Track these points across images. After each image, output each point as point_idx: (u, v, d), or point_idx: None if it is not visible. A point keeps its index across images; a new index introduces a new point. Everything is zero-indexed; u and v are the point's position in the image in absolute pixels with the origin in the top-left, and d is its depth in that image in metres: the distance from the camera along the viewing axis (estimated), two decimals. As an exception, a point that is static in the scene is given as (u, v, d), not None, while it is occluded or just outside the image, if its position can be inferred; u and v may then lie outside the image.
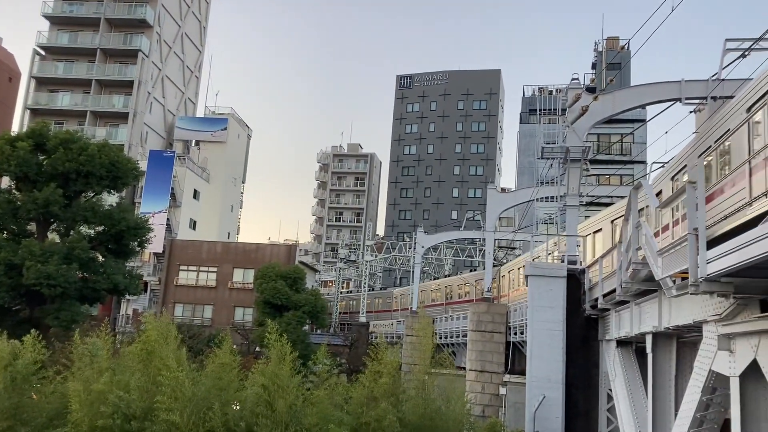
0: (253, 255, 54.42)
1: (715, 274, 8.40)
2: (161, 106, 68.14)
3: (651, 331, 13.87)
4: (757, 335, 9.37)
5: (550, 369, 19.07)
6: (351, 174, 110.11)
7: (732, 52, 17.18)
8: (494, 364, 29.23)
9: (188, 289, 54.40)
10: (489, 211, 36.69)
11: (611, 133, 51.46)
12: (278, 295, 41.40)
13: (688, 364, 13.45)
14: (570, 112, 20.84)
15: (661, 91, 20.04)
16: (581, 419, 19.12)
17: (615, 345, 17.14)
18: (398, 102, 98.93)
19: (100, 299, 37.94)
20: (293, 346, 16.18)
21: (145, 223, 39.01)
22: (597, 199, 34.19)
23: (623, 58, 51.55)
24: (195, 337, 37.45)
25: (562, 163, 22.20)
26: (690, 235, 8.79)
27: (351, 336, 51.11)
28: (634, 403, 15.63)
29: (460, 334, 36.34)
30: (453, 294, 52.73)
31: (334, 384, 17.17)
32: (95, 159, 35.36)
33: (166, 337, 16.30)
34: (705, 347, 11.14)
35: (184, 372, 15.29)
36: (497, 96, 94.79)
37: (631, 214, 13.27)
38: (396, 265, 72.06)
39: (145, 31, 64.74)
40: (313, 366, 19.96)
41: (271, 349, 15.41)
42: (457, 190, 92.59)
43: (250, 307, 48.97)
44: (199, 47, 76.70)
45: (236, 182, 76.77)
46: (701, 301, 10.76)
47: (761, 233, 7.10)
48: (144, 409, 15.18)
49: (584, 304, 19.55)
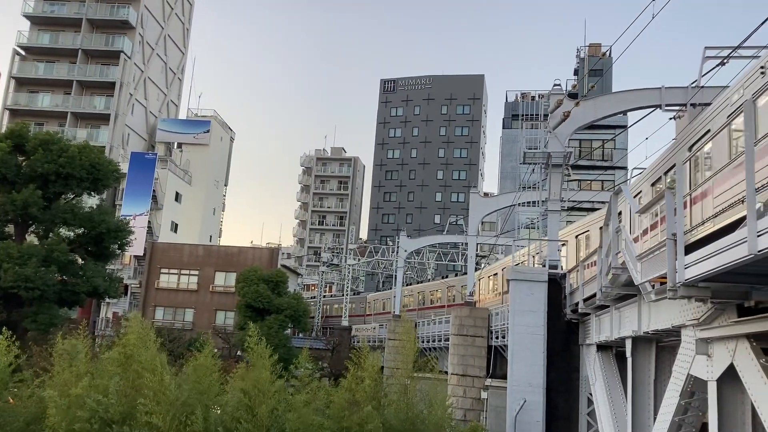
0: (235, 258, 54.15)
1: (692, 279, 8.49)
2: (143, 107, 67.68)
3: (630, 335, 13.99)
4: (734, 339, 9.49)
5: (531, 373, 19.17)
6: (334, 177, 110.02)
7: (711, 59, 17.41)
8: (476, 368, 29.28)
9: (169, 292, 53.98)
10: (471, 215, 36.81)
11: (593, 138, 51.92)
12: (260, 299, 41.24)
13: (667, 369, 13.58)
14: (552, 117, 21.01)
15: (642, 97, 20.27)
16: (561, 423, 19.23)
17: (595, 349, 17.26)
18: (382, 106, 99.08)
19: (79, 302, 37.53)
20: (275, 350, 16.11)
21: (126, 226, 38.70)
22: (578, 204, 34.47)
23: (605, 65, 52.05)
24: (175, 340, 37.19)
25: (544, 168, 22.37)
26: (668, 240, 8.89)
27: (333, 340, 51.00)
28: (613, 407, 15.74)
29: (442, 338, 36.39)
30: (425, 300, 53.97)
31: (315, 388, 17.12)
32: (75, 160, 35.01)
33: (145, 340, 16.16)
34: (683, 351, 11.26)
35: (168, 375, 15.18)
36: (480, 101, 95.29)
37: (611, 220, 13.38)
38: (379, 269, 72.07)
39: (128, 32, 64.28)
40: (295, 370, 19.89)
41: (250, 353, 15.34)
42: (440, 194, 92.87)
43: (231, 311, 48.69)
44: (182, 49, 76.31)
45: (219, 185, 76.41)
46: (679, 306, 10.88)
47: (736, 239, 7.19)
48: (123, 414, 15.03)
49: (565, 308, 19.68)
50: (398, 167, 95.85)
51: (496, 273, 39.23)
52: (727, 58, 16.80)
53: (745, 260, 7.00)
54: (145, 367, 15.23)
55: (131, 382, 15.70)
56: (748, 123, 7.48)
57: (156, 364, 15.24)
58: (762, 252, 6.66)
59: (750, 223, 6.79)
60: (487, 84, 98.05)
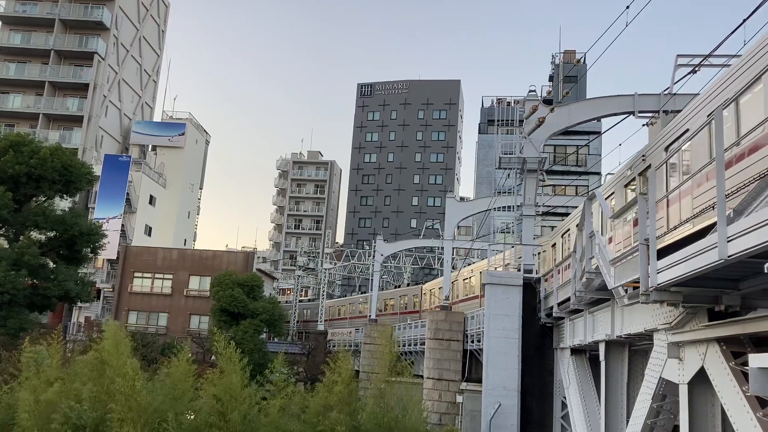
0: (209, 262, 53.73)
1: (664, 283, 8.60)
2: (117, 109, 66.91)
3: (604, 339, 14.14)
4: (705, 343, 9.63)
5: (505, 377, 19.27)
6: (311, 181, 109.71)
7: (683, 67, 17.70)
8: (451, 372, 29.35)
9: (143, 296, 53.40)
10: (448, 219, 36.90)
11: (567, 144, 52.43)
12: (235, 303, 40.94)
13: (639, 372, 13.74)
14: (527, 123, 21.18)
15: (615, 104, 20.52)
16: (536, 427, 19.35)
17: (569, 353, 17.41)
18: (359, 110, 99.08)
19: (50, 307, 36.95)
20: (250, 354, 16.03)
21: (99, 229, 38.23)
22: (553, 209, 34.76)
23: (579, 71, 52.62)
24: (149, 345, 36.75)
25: (519, 174, 22.53)
26: (641, 245, 9.00)
27: (309, 344, 50.80)
28: (587, 410, 15.88)
29: (418, 342, 36.44)
30: (383, 306, 56.40)
31: (290, 393, 17.03)
32: (47, 162, 34.50)
33: (118, 345, 15.96)
34: (655, 355, 11.40)
35: (141, 381, 14.98)
36: (457, 106, 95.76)
37: (585, 224, 13.51)
38: (355, 273, 71.97)
39: (102, 33, 63.52)
40: (270, 375, 19.77)
41: (222, 359, 15.21)
42: (417, 198, 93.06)
43: (206, 315, 48.29)
44: (158, 51, 75.60)
45: (193, 188, 75.78)
46: (652, 310, 11.01)
47: (707, 245, 7.30)
48: (96, 420, 14.82)
49: (540, 312, 19.83)
50: (375, 171, 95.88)
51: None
52: (698, 66, 17.11)
53: (715, 265, 7.11)
54: (117, 372, 15.05)
55: (104, 387, 15.49)
56: (718, 133, 7.60)
57: (128, 370, 15.06)
58: (732, 257, 6.76)
59: (720, 229, 6.90)
60: (463, 89, 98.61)
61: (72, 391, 15.43)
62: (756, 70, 9.44)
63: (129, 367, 15.17)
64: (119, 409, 14.22)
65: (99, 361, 15.87)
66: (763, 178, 7.48)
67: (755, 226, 6.28)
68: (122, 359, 15.42)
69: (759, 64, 9.36)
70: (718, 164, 7.33)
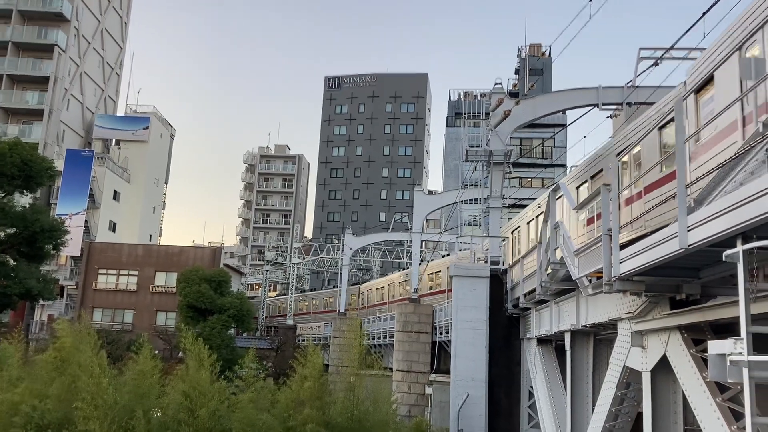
0: (176, 258, 53.11)
1: (627, 273, 8.74)
2: (79, 103, 65.55)
3: (569, 329, 14.34)
4: (667, 331, 9.83)
5: (473, 368, 19.43)
6: (278, 175, 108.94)
7: (645, 60, 17.99)
8: (420, 363, 29.50)
9: (108, 293, 52.58)
10: (416, 213, 37.01)
11: (533, 137, 52.89)
12: (202, 299, 40.58)
13: (604, 361, 13.98)
14: (493, 116, 21.31)
15: (580, 96, 20.76)
16: (504, 416, 19.56)
17: (536, 343, 17.63)
18: (326, 103, 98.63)
19: (11, 305, 36.18)
20: (218, 350, 15.91)
21: (61, 225, 37.47)
22: (519, 201, 35.09)
23: (545, 64, 53.11)
24: (114, 342, 36.24)
25: (486, 166, 22.67)
26: (604, 236, 9.13)
27: (278, 339, 50.60)
28: (553, 399, 16.11)
29: (387, 335, 36.53)
30: (327, 304, 59.04)
31: (260, 388, 16.95)
32: (6, 157, 33.67)
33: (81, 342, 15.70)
34: (619, 344, 11.60)
35: (107, 379, 14.77)
36: (424, 99, 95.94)
37: (549, 216, 13.67)
38: (324, 268, 71.77)
39: (62, 25, 62.06)
40: (239, 370, 19.64)
41: (189, 355, 15.08)
42: (386, 192, 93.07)
43: (172, 312, 47.75)
44: (120, 43, 74.18)
45: (158, 183, 74.68)
46: (615, 300, 11.20)
47: (666, 235, 7.44)
48: (60, 419, 14.57)
49: (506, 303, 20.02)
50: (343, 165, 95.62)
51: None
52: (660, 58, 17.41)
53: (676, 254, 7.25)
54: (83, 370, 14.81)
55: (67, 386, 15.24)
56: (679, 124, 7.74)
57: (94, 367, 14.83)
58: (692, 246, 6.90)
59: (681, 219, 7.04)
60: (431, 83, 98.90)
61: (35, 390, 15.16)
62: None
63: (96, 363, 14.95)
64: (85, 407, 14.01)
65: (60, 359, 15.60)
66: (722, 168, 7.64)
67: (714, 216, 6.42)
68: (88, 356, 15.19)
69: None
70: (678, 156, 7.47)
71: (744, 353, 5.89)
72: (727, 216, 6.14)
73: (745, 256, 5.98)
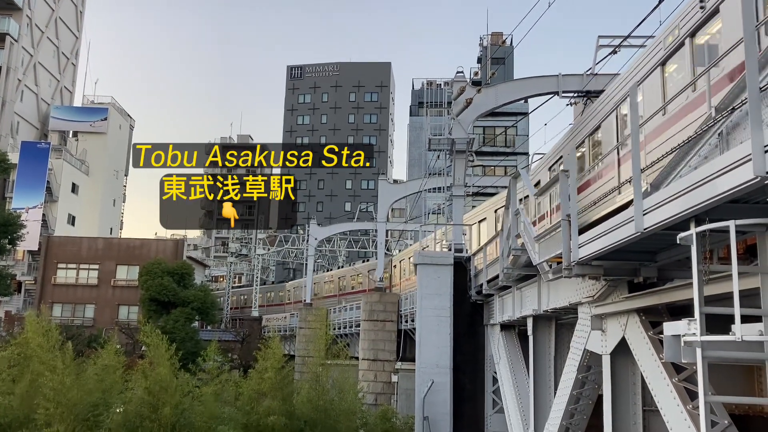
0: (137, 251, 52.31)
1: (586, 257, 8.85)
2: (34, 94, 63.84)
3: (531, 314, 14.49)
4: (625, 315, 9.99)
5: (438, 355, 19.54)
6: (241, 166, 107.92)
7: (604, 48, 18.23)
8: (386, 352, 29.63)
9: (67, 288, 51.57)
10: (381, 202, 37.07)
11: (495, 125, 53.29)
12: (165, 292, 40.13)
13: (565, 345, 14.17)
14: (455, 104, 21.34)
15: (541, 84, 20.91)
16: (468, 402, 19.74)
17: (499, 329, 17.79)
18: (289, 93, 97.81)
19: (-34, 302, 35.29)
20: (182, 343, 15.74)
21: (17, 219, 36.64)
22: (482, 190, 35.34)
23: (506, 53, 53.44)
24: (75, 338, 35.50)
25: (449, 155, 22.73)
26: (563, 221, 9.22)
27: (243, 331, 50.28)
28: (517, 383, 16.30)
29: (353, 324, 36.55)
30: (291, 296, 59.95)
31: (224, 381, 16.84)
32: (-43, 151, 32.72)
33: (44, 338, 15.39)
34: (580, 328, 11.77)
35: (70, 377, 14.49)
36: (388, 88, 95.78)
37: (510, 203, 13.76)
38: (290, 258, 71.42)
39: (14, 13, 60.23)
40: (203, 363, 19.47)
41: (150, 349, 14.89)
42: (350, 181, 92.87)
43: (135, 305, 47.09)
44: (76, 33, 72.34)
45: (118, 175, 73.26)
46: (575, 284, 11.34)
47: (623, 219, 7.55)
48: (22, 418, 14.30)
49: (470, 290, 20.16)
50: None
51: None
52: (618, 46, 17.67)
53: (632, 238, 7.35)
54: (46, 367, 14.54)
55: (29, 383, 14.97)
56: (633, 109, 7.84)
57: (57, 364, 14.57)
58: (647, 230, 7.00)
59: (636, 203, 7.13)
60: (395, 72, 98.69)
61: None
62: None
63: (59, 360, 14.68)
64: (48, 406, 13.77)
65: (23, 356, 15.30)
66: (677, 152, 7.77)
67: (668, 199, 6.52)
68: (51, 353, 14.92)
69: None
70: (633, 140, 7.57)
71: (697, 334, 6.01)
72: (681, 199, 6.23)
73: (698, 238, 6.08)
